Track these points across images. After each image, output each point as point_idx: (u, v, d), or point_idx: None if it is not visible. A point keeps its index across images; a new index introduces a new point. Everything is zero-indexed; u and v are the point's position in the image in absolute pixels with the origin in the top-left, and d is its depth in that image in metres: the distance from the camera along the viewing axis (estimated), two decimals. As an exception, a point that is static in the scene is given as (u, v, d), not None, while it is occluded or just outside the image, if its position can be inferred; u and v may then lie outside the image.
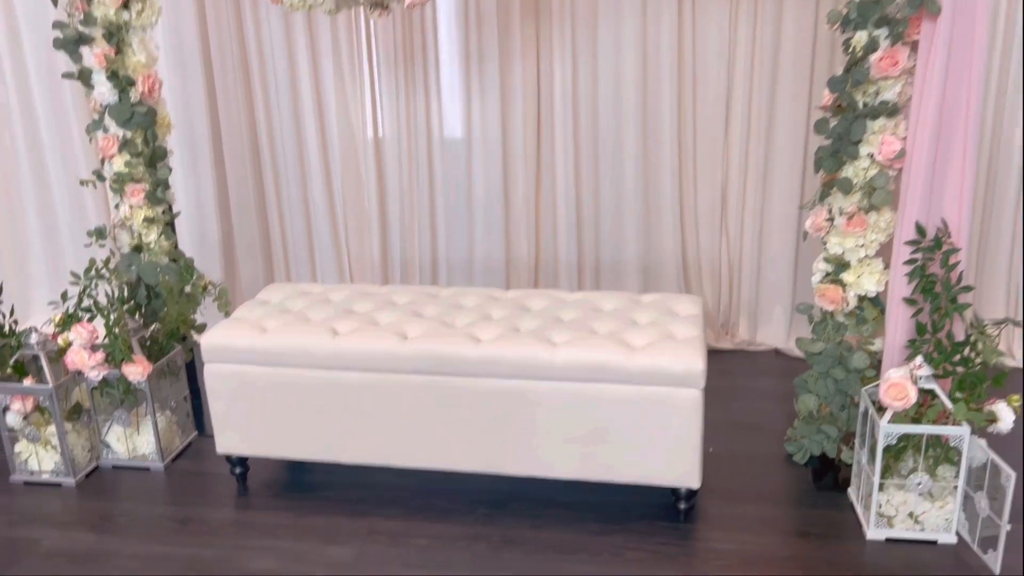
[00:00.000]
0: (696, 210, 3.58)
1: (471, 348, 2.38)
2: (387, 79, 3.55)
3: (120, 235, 2.95)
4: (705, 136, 3.48)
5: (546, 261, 3.71)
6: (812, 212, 2.60)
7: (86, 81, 2.77)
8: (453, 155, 3.63)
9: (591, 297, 2.74)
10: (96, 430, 2.85)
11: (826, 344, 2.59)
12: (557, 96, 3.47)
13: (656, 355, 2.29)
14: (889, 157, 2.35)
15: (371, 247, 3.81)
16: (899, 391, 2.17)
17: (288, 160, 3.73)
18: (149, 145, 2.84)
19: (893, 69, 2.28)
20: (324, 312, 2.68)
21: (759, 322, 3.68)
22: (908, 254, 2.40)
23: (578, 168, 3.56)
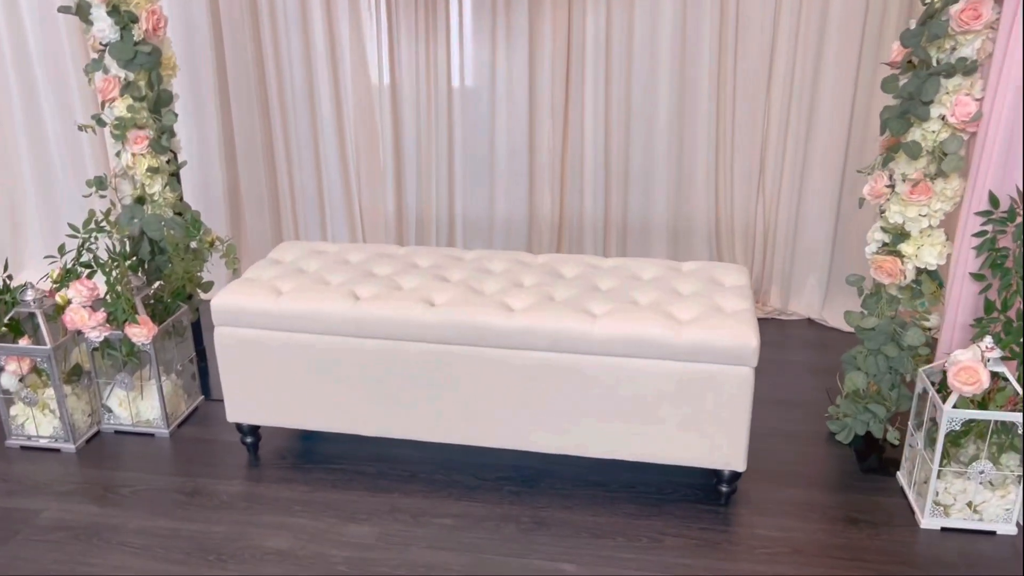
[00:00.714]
0: (732, 171, 3.39)
1: (504, 318, 2.21)
2: (406, 22, 3.32)
3: (121, 185, 2.75)
4: (745, 94, 3.27)
5: (570, 221, 3.52)
6: (871, 177, 2.41)
7: (84, 16, 2.54)
8: (475, 106, 3.41)
9: (628, 264, 2.56)
10: (97, 393, 2.69)
11: (879, 319, 2.43)
12: (589, 45, 3.25)
13: (706, 330, 2.12)
14: (963, 119, 2.16)
15: (385, 203, 3.61)
16: (971, 375, 2.01)
17: (299, 108, 3.51)
18: (153, 88, 2.63)
19: (976, 22, 2.07)
20: (342, 274, 2.50)
21: (791, 291, 3.52)
22: (978, 225, 2.23)
23: (608, 123, 3.35)
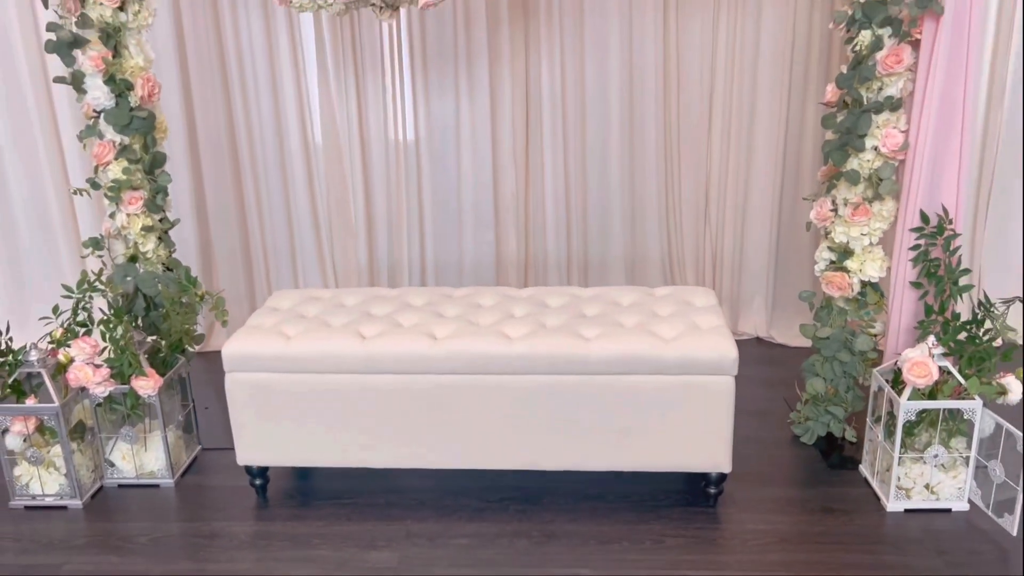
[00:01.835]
0: (680, 205, 3.69)
1: (505, 346, 2.40)
2: (373, 79, 3.52)
3: (114, 245, 2.84)
4: (688, 133, 3.59)
5: (535, 259, 3.75)
6: (816, 203, 2.72)
7: (78, 86, 2.65)
8: (441, 155, 3.63)
9: (607, 292, 2.79)
10: (100, 448, 2.74)
11: (832, 329, 2.72)
12: (545, 96, 3.52)
13: (690, 345, 2.36)
14: (893, 149, 2.49)
15: (357, 251, 3.77)
16: (923, 369, 2.31)
17: (269, 164, 3.65)
18: (148, 151, 2.74)
19: (898, 66, 2.41)
20: (343, 317, 2.65)
21: (740, 312, 3.82)
22: (912, 240, 2.55)
23: (566, 167, 3.62)
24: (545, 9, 3.40)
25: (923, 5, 2.34)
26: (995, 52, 3.33)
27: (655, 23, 3.39)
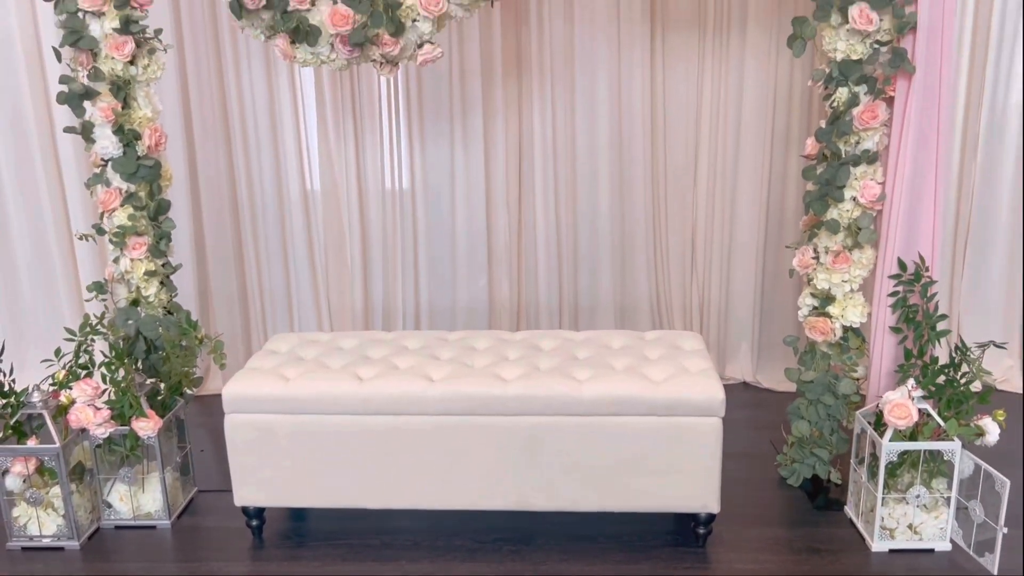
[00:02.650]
0: (667, 253, 3.79)
1: (499, 388, 2.47)
2: (371, 128, 3.64)
3: (117, 289, 2.91)
4: (674, 183, 3.71)
5: (527, 304, 3.83)
6: (798, 251, 2.82)
7: (87, 135, 2.74)
8: (436, 202, 3.73)
9: (598, 335, 2.87)
10: (98, 490, 2.77)
11: (816, 373, 2.80)
12: (537, 146, 3.64)
13: (678, 387, 2.43)
14: (871, 200, 2.61)
15: (352, 296, 3.85)
16: (903, 411, 2.39)
17: (268, 210, 3.75)
18: (153, 198, 2.83)
19: (874, 121, 2.54)
20: (340, 359, 2.71)
21: (727, 357, 3.90)
22: (891, 287, 2.65)
23: (557, 215, 3.73)
24: (537, 65, 3.54)
25: (895, 65, 2.48)
26: (967, 106, 3.49)
27: (642, 78, 3.53)
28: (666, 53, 3.55)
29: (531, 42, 3.53)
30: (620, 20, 3.48)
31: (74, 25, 2.61)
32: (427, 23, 2.64)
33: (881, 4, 2.45)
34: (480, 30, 3.50)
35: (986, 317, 3.69)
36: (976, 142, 3.52)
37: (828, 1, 2.51)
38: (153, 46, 2.75)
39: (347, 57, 2.69)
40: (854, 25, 2.46)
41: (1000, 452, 2.65)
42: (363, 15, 2.61)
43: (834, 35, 2.54)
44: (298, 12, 2.63)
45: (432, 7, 2.58)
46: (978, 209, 3.58)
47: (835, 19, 2.52)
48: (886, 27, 2.48)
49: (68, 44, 2.64)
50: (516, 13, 3.50)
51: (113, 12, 2.61)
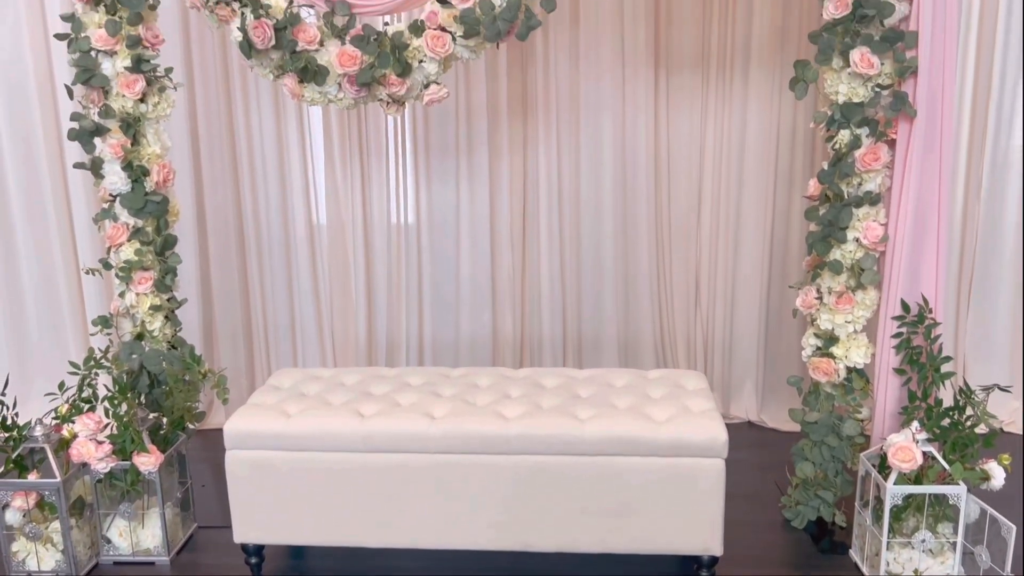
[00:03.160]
0: (671, 291, 3.80)
1: (500, 426, 2.46)
2: (377, 165, 3.68)
3: (122, 323, 2.92)
4: (678, 222, 3.73)
5: (530, 339, 3.84)
6: (802, 291, 2.83)
7: (97, 171, 2.78)
8: (441, 238, 3.76)
9: (601, 374, 2.87)
10: (98, 525, 2.76)
11: (820, 414, 2.78)
12: (542, 184, 3.67)
13: (681, 427, 2.42)
14: (874, 241, 2.61)
15: (356, 330, 3.85)
16: (907, 454, 2.37)
17: (274, 244, 3.78)
18: (160, 233, 2.86)
19: (876, 163, 2.56)
20: (342, 395, 2.71)
21: (731, 396, 3.88)
22: (894, 328, 2.65)
23: (562, 251, 3.74)
24: (543, 105, 3.59)
25: (897, 108, 2.50)
26: (971, 148, 3.50)
27: (646, 118, 3.57)
28: (670, 94, 3.58)
29: (537, 83, 3.58)
30: (624, 62, 3.52)
31: (86, 63, 2.66)
32: (433, 64, 2.68)
33: (882, 49, 2.48)
34: (487, 71, 3.55)
35: (992, 359, 3.67)
36: (980, 183, 3.54)
37: (830, 44, 2.54)
38: (163, 84, 2.80)
39: (354, 96, 2.73)
40: (855, 69, 2.49)
41: (1006, 496, 2.63)
42: (371, 56, 2.65)
43: (836, 78, 2.56)
44: (307, 52, 2.68)
45: (438, 49, 2.61)
46: (982, 250, 3.59)
47: (837, 62, 2.55)
48: (887, 71, 2.51)
49: (80, 82, 2.68)
50: (522, 55, 3.55)
51: (125, 51, 2.66)
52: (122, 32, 2.64)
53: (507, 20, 2.55)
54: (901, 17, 2.48)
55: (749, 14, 3.41)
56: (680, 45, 3.52)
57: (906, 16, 2.48)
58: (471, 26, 2.57)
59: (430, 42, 2.62)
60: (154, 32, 2.74)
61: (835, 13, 2.48)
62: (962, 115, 3.45)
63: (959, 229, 3.56)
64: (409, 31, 2.67)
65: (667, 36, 3.51)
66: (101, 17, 2.64)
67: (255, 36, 2.61)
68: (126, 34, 2.65)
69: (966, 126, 3.46)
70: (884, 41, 2.48)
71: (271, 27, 2.60)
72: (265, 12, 2.62)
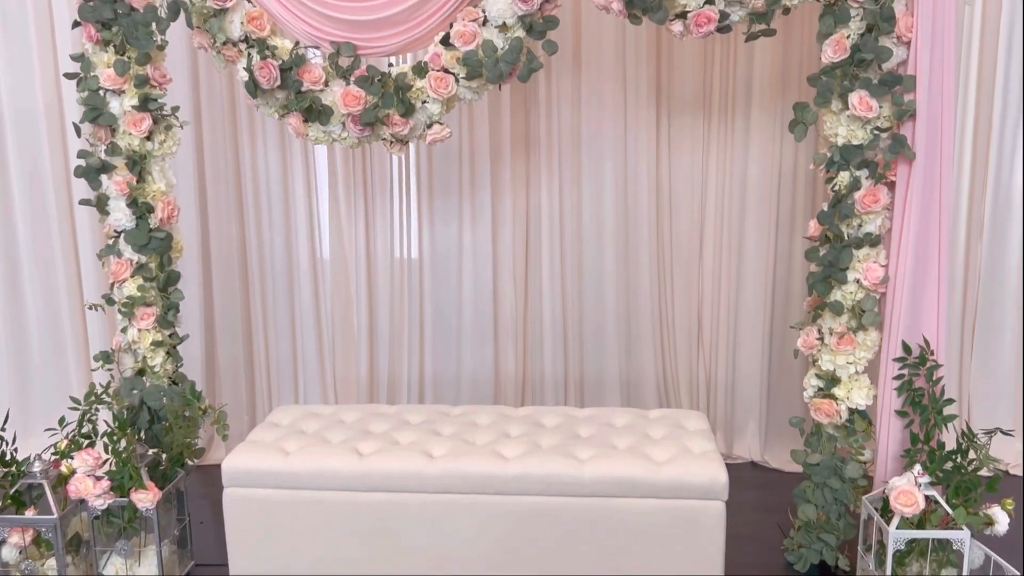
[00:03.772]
0: (673, 329, 3.79)
1: (499, 466, 2.45)
2: (381, 201, 3.70)
3: (124, 358, 2.93)
4: (680, 260, 3.74)
5: (532, 377, 3.83)
6: (803, 332, 2.82)
7: (102, 208, 2.80)
8: (444, 275, 3.77)
9: (601, 413, 2.86)
10: (94, 562, 2.74)
11: (822, 455, 2.76)
12: (544, 222, 3.69)
13: (681, 469, 2.41)
14: (874, 282, 2.61)
15: (358, 367, 3.85)
16: (909, 498, 2.35)
17: (277, 281, 3.80)
18: (163, 269, 2.87)
19: (875, 205, 2.57)
20: (341, 433, 2.71)
21: (734, 436, 3.86)
22: (896, 370, 2.64)
23: (563, 289, 3.75)
24: (545, 145, 3.62)
25: (896, 151, 2.51)
26: (972, 188, 3.52)
27: (648, 159, 3.59)
28: (671, 135, 3.61)
29: (539, 123, 3.61)
30: (626, 103, 3.56)
31: (95, 102, 2.70)
32: (436, 105, 2.71)
33: (880, 92, 2.50)
34: (490, 110, 3.59)
35: (997, 401, 3.65)
36: (981, 224, 3.54)
37: (828, 88, 2.57)
38: (170, 122, 2.83)
39: (358, 136, 2.76)
40: (854, 111, 2.51)
41: (1010, 542, 2.60)
42: (374, 96, 2.68)
43: (835, 120, 2.58)
44: (312, 92, 2.72)
45: (441, 90, 2.65)
46: (985, 291, 3.58)
47: (836, 105, 2.58)
48: (886, 114, 2.53)
49: (88, 120, 2.72)
50: (525, 95, 3.59)
51: (133, 90, 2.70)
52: (130, 72, 2.68)
53: (509, 62, 2.59)
54: (899, 61, 2.51)
55: (750, 57, 3.45)
56: (681, 87, 3.56)
57: (904, 60, 2.51)
58: (474, 68, 2.60)
59: (433, 83, 2.65)
60: (162, 72, 2.79)
61: (833, 57, 2.51)
62: (963, 156, 3.46)
63: (961, 270, 3.55)
64: (413, 72, 2.71)
65: (669, 78, 3.55)
66: (110, 57, 2.68)
67: (261, 76, 2.65)
68: (134, 73, 2.69)
69: (967, 167, 3.48)
70: (882, 85, 2.50)
71: (277, 67, 2.65)
72: (271, 53, 2.67)
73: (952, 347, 3.56)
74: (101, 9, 2.63)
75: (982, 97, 3.44)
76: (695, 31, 2.53)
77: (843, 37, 2.49)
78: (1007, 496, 2.45)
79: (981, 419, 3.60)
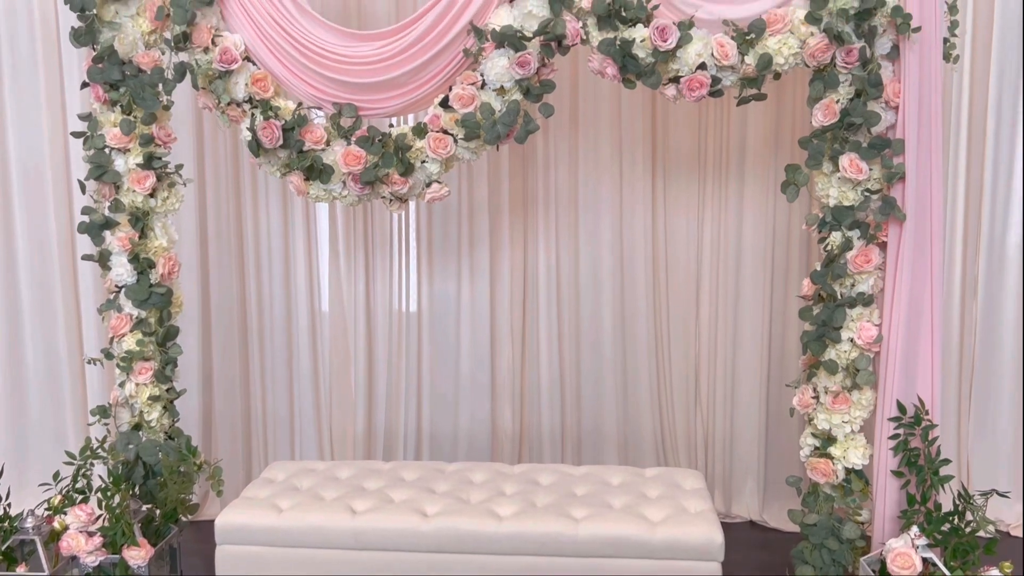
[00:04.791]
0: (671, 386, 3.80)
1: (493, 525, 2.44)
2: (382, 259, 3.75)
3: (120, 413, 2.93)
4: (677, 318, 3.75)
5: (529, 433, 3.82)
6: (798, 391, 2.83)
7: (104, 263, 2.84)
8: (442, 332, 3.79)
9: (597, 471, 2.85)
10: (83, 621, 2.71)
11: (819, 515, 2.75)
12: (541, 278, 3.72)
13: (676, 529, 2.39)
14: (868, 341, 2.63)
15: (355, 421, 3.85)
16: (906, 560, 2.33)
17: (276, 336, 3.81)
18: (163, 324, 2.90)
19: (868, 265, 2.60)
20: (335, 490, 2.70)
21: (732, 495, 3.83)
22: (892, 429, 2.64)
23: (561, 345, 3.76)
24: (543, 203, 3.67)
25: (886, 212, 2.55)
26: (965, 247, 3.54)
27: (644, 217, 3.64)
28: (667, 193, 3.67)
29: (537, 181, 3.67)
30: (622, 162, 3.62)
31: (100, 160, 2.76)
32: (435, 164, 2.76)
33: (870, 155, 2.55)
34: (489, 169, 3.65)
35: (994, 461, 3.63)
36: (976, 282, 3.57)
37: (819, 150, 2.62)
38: (173, 180, 2.89)
39: (358, 194, 2.81)
40: (845, 173, 2.56)
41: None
42: (375, 156, 2.74)
43: (827, 182, 2.63)
44: (313, 152, 2.77)
45: (440, 150, 2.70)
46: (981, 350, 3.59)
47: (827, 167, 2.62)
48: (876, 176, 2.57)
49: (93, 177, 2.77)
50: (523, 154, 3.66)
51: (138, 149, 2.76)
52: (136, 131, 2.75)
53: (506, 124, 2.64)
54: (888, 125, 2.57)
55: (743, 118, 3.52)
56: (676, 147, 3.62)
57: (892, 124, 2.57)
58: (472, 129, 2.66)
59: (432, 144, 2.71)
60: (167, 131, 2.85)
61: (824, 121, 2.56)
62: (955, 216, 3.50)
63: (956, 330, 3.56)
64: (412, 133, 2.77)
65: (664, 138, 3.62)
66: (117, 117, 2.75)
67: (264, 136, 2.71)
68: (139, 133, 2.76)
69: (960, 227, 3.51)
70: (872, 148, 2.55)
71: (279, 127, 2.71)
72: (275, 113, 2.73)
73: (949, 406, 3.56)
74: (110, 71, 2.70)
75: (972, 157, 3.50)
76: (688, 95, 2.60)
77: (832, 102, 2.55)
78: (1006, 558, 2.43)
79: (980, 479, 3.58)
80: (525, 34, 2.57)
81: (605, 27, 2.56)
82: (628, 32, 2.55)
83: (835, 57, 2.53)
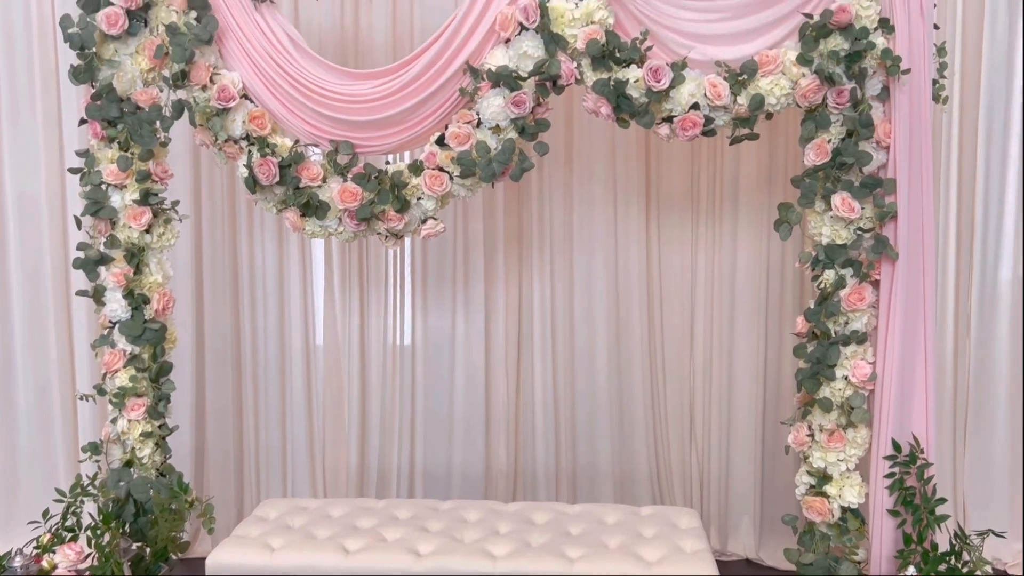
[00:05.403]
0: (666, 423, 3.78)
1: (488, 565, 2.42)
2: (376, 293, 3.75)
3: (112, 450, 2.91)
4: (672, 354, 3.75)
5: (524, 470, 3.79)
6: (793, 428, 2.82)
7: (98, 299, 2.84)
8: (436, 367, 3.78)
9: (592, 510, 2.83)
10: (70, 663, 2.66)
11: (815, 555, 2.73)
12: (536, 314, 3.72)
13: (672, 569, 2.37)
14: (862, 379, 2.63)
15: (348, 457, 3.82)
16: (903, 601, 2.31)
17: (270, 368, 3.80)
18: (156, 360, 2.89)
19: (861, 303, 2.61)
20: (328, 529, 2.67)
21: (728, 532, 3.80)
22: (887, 468, 2.63)
23: (555, 381, 3.75)
24: (538, 239, 3.69)
25: (878, 251, 2.57)
26: (957, 284, 3.56)
27: (639, 252, 3.66)
28: (661, 229, 3.69)
29: (532, 217, 3.69)
30: (617, 199, 3.64)
31: (96, 196, 2.77)
32: (431, 201, 2.78)
33: (862, 194, 2.58)
34: (484, 205, 3.67)
35: (991, 498, 3.61)
36: (968, 319, 3.58)
37: (811, 189, 2.64)
38: (169, 216, 2.90)
39: (354, 230, 2.82)
40: (837, 212, 2.58)
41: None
42: (371, 192, 2.75)
43: (819, 220, 2.65)
44: (309, 188, 2.79)
45: (436, 187, 2.72)
46: (975, 388, 3.59)
47: (819, 206, 2.65)
48: (868, 215, 2.60)
49: (89, 213, 2.78)
50: (518, 191, 3.68)
51: (134, 185, 2.77)
52: (133, 167, 2.76)
53: (502, 162, 2.67)
54: (879, 165, 2.60)
55: (736, 156, 3.55)
56: (670, 184, 3.65)
57: (883, 164, 2.60)
58: (467, 167, 2.68)
59: (428, 181, 2.73)
60: (163, 167, 2.86)
61: (816, 160, 2.59)
62: (947, 253, 3.52)
63: (951, 367, 3.56)
64: (409, 170, 2.79)
65: (657, 175, 3.65)
66: (114, 153, 2.76)
67: (260, 173, 2.72)
68: (136, 169, 2.77)
69: (952, 264, 3.53)
70: (864, 187, 2.58)
71: (276, 164, 2.72)
72: (271, 150, 2.75)
73: (944, 445, 3.55)
74: (108, 108, 2.72)
75: (963, 195, 3.52)
76: (681, 135, 2.63)
77: (824, 142, 2.58)
78: (1003, 600, 2.42)
79: (976, 518, 3.55)
80: (520, 74, 2.60)
81: (599, 68, 2.59)
82: (622, 72, 2.58)
83: (826, 98, 2.57)
